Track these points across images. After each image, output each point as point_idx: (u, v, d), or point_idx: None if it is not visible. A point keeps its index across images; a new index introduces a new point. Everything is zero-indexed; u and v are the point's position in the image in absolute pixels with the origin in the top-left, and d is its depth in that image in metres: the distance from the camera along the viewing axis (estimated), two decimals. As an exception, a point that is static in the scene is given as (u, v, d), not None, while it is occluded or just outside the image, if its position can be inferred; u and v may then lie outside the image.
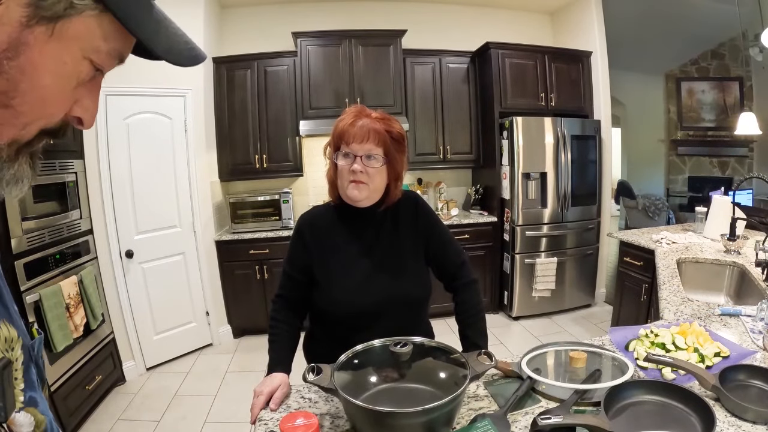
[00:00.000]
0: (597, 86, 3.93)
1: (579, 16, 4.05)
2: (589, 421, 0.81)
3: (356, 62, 3.66)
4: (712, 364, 1.09)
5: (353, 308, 1.16)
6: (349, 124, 1.12)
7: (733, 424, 0.87)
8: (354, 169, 1.11)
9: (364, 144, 1.11)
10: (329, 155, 1.19)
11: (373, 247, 1.21)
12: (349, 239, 1.21)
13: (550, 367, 1.15)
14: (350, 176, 1.12)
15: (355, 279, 1.18)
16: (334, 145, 1.16)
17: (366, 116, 1.14)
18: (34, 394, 0.48)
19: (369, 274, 1.18)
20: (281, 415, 0.96)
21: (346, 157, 1.13)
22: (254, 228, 3.53)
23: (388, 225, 1.23)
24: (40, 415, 0.48)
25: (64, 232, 2.49)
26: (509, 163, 3.61)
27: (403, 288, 1.20)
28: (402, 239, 1.23)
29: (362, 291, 1.17)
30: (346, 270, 1.18)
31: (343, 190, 1.16)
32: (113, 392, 2.82)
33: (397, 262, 1.21)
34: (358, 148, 1.12)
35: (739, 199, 2.43)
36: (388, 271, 1.19)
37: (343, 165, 1.13)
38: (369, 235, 1.21)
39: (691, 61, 5.76)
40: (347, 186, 1.14)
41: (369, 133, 1.12)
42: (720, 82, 5.65)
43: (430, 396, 0.87)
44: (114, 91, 2.87)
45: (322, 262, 1.20)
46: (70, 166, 2.58)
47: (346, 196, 1.16)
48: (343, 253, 1.20)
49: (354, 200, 1.15)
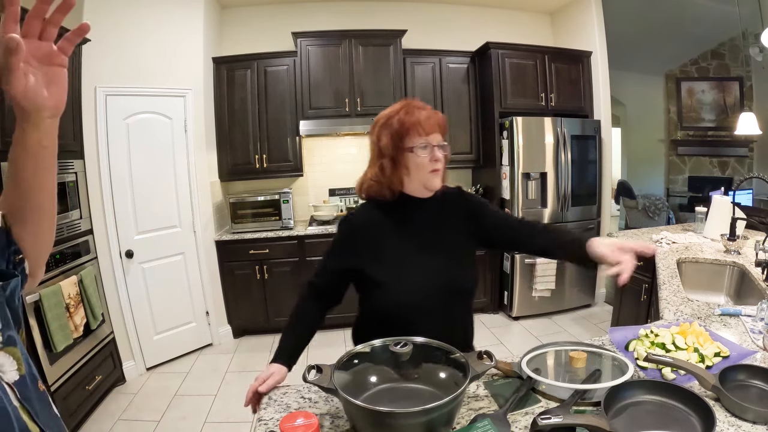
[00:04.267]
0: (597, 86, 3.93)
1: (579, 16, 4.05)
2: (589, 421, 0.81)
3: (356, 62, 3.66)
4: (712, 364, 1.09)
5: (414, 306, 1.17)
6: (424, 117, 1.14)
7: (733, 424, 0.87)
8: (437, 158, 1.14)
9: (436, 134, 1.15)
10: (388, 151, 1.16)
11: (428, 243, 1.21)
12: (403, 236, 1.20)
13: (550, 367, 1.15)
14: (432, 165, 1.14)
15: (415, 277, 1.17)
16: (400, 138, 1.14)
17: (423, 108, 1.16)
18: (12, 333, 0.48)
19: (427, 270, 1.18)
20: (281, 415, 0.96)
21: (425, 148, 1.14)
22: (254, 228, 3.53)
23: (439, 217, 1.23)
24: (19, 354, 0.48)
25: (64, 232, 2.49)
26: (509, 163, 3.61)
27: (459, 280, 1.22)
28: (454, 230, 1.24)
29: (422, 288, 1.17)
30: (406, 269, 1.18)
31: (419, 181, 1.17)
32: (113, 392, 2.82)
33: (451, 254, 1.22)
34: (433, 138, 1.14)
35: (739, 199, 2.43)
36: (443, 265, 1.19)
37: (424, 156, 1.14)
38: (423, 231, 1.22)
39: (691, 61, 5.76)
40: (427, 176, 1.16)
41: (437, 123, 1.15)
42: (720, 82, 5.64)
43: (430, 396, 0.87)
44: (114, 91, 2.87)
45: (380, 264, 1.19)
46: (70, 166, 2.58)
47: (424, 188, 1.18)
48: (399, 252, 1.19)
49: (434, 189, 1.19)
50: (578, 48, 3.97)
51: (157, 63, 3.06)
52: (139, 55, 2.97)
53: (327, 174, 4.12)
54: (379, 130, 1.18)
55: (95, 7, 2.76)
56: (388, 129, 1.15)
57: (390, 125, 1.15)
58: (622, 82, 5.12)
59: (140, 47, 2.97)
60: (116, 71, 2.88)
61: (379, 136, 1.17)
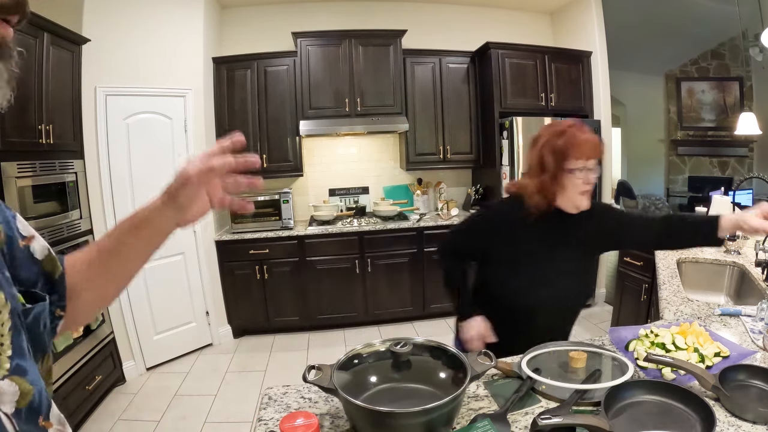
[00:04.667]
0: (597, 86, 3.93)
1: (579, 16, 4.05)
2: (589, 421, 0.81)
3: (356, 62, 3.66)
4: (712, 364, 1.08)
5: (528, 301, 1.32)
6: (587, 143, 1.23)
7: (733, 424, 0.87)
8: (590, 181, 1.24)
9: (593, 159, 1.25)
10: (550, 168, 1.25)
11: (561, 249, 1.33)
12: (540, 239, 1.32)
13: (550, 367, 1.15)
14: (583, 187, 1.25)
15: (537, 275, 1.31)
16: (563, 159, 1.24)
17: (585, 133, 1.25)
18: (23, 362, 0.46)
19: (550, 273, 1.31)
20: (281, 415, 0.96)
21: (582, 171, 1.23)
22: (254, 228, 3.53)
23: (578, 230, 1.33)
24: (27, 385, 0.46)
25: (64, 232, 2.49)
26: (509, 163, 3.60)
27: (577, 291, 1.38)
28: (587, 244, 1.36)
29: (541, 287, 1.30)
30: (532, 266, 1.32)
31: (570, 200, 1.28)
32: (113, 392, 2.82)
33: (578, 265, 1.35)
34: (590, 162, 1.24)
35: (739, 199, 2.44)
36: (568, 274, 1.33)
37: (581, 177, 1.24)
38: (560, 239, 1.33)
39: (691, 61, 5.76)
40: (578, 197, 1.26)
41: (597, 149, 1.25)
42: (720, 82, 5.64)
43: (430, 396, 0.87)
44: (114, 91, 2.88)
45: (508, 254, 1.33)
46: (70, 166, 2.58)
47: (572, 205, 1.29)
48: (532, 252, 1.32)
49: (581, 209, 1.29)
50: (578, 48, 3.97)
51: (157, 63, 3.06)
52: (139, 55, 2.97)
53: (327, 174, 4.12)
54: (542, 146, 1.28)
55: (95, 7, 2.76)
56: (553, 148, 1.25)
57: (554, 144, 1.25)
58: (622, 82, 5.12)
59: (140, 47, 2.97)
60: (116, 71, 2.88)
61: (543, 151, 1.27)
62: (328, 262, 3.55)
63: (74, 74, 2.64)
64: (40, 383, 0.49)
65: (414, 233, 3.66)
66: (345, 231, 3.55)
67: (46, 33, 2.32)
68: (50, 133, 2.37)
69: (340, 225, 3.61)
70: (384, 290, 3.67)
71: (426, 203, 4.15)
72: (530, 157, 1.33)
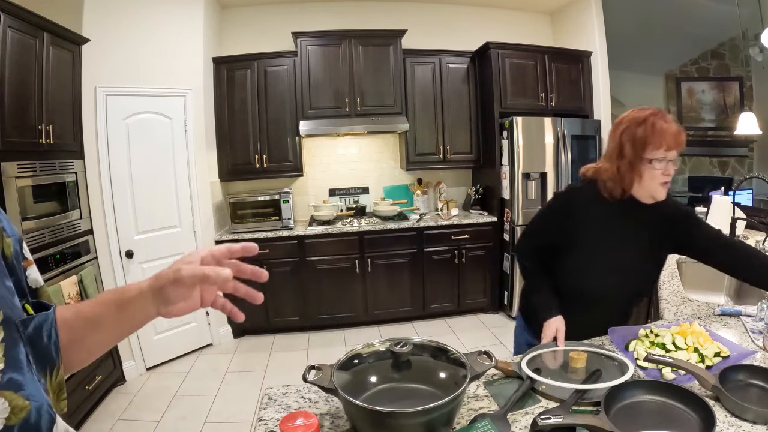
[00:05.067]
0: (597, 86, 3.93)
1: (579, 16, 4.05)
2: (589, 421, 0.81)
3: (356, 62, 3.66)
4: (712, 364, 1.08)
5: (595, 288, 1.33)
6: (669, 133, 1.18)
7: (733, 424, 0.87)
8: (669, 173, 1.21)
9: (674, 150, 1.20)
10: (628, 155, 1.22)
11: (630, 237, 1.31)
12: (613, 229, 1.31)
13: (550, 367, 1.15)
14: (662, 179, 1.21)
15: (606, 262, 1.31)
16: (643, 147, 1.20)
17: (669, 123, 1.21)
18: (17, 376, 0.44)
19: (619, 261, 1.31)
20: (281, 415, 0.96)
21: (661, 161, 1.20)
22: (254, 228, 3.53)
23: (650, 220, 1.31)
24: (21, 400, 0.43)
25: (64, 232, 2.49)
26: (509, 163, 3.61)
27: (643, 279, 1.39)
28: (658, 234, 1.33)
29: (610, 274, 1.31)
30: (602, 253, 1.31)
31: (647, 189, 1.24)
32: (113, 392, 2.82)
33: (646, 257, 1.34)
34: (671, 154, 1.20)
35: (739, 199, 2.43)
36: (635, 265, 1.32)
37: (660, 168, 1.20)
38: (632, 229, 1.31)
39: (691, 61, 5.76)
40: (656, 187, 1.23)
41: (679, 140, 1.20)
42: (720, 82, 5.64)
43: (430, 396, 0.87)
44: (114, 91, 2.87)
45: (584, 244, 1.33)
46: (70, 166, 2.58)
47: (649, 196, 1.26)
48: (605, 240, 1.31)
49: (658, 199, 1.26)
50: (578, 48, 3.97)
51: (157, 63, 3.06)
52: (139, 55, 2.97)
53: (327, 174, 4.12)
54: (622, 132, 1.24)
55: (95, 7, 2.76)
56: (633, 135, 1.22)
57: (634, 132, 1.21)
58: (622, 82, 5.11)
59: (140, 47, 2.97)
60: (116, 71, 2.88)
61: (622, 138, 1.24)
62: (328, 262, 3.55)
63: (74, 74, 2.64)
64: (42, 398, 0.46)
65: (414, 233, 3.66)
66: (345, 231, 3.55)
67: (46, 33, 2.32)
68: (50, 133, 2.37)
69: (340, 225, 3.61)
70: (384, 290, 3.67)
71: (426, 203, 4.15)
72: (609, 141, 1.31)
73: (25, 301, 0.50)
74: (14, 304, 0.47)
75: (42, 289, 0.56)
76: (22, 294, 0.50)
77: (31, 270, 0.55)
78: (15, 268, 0.50)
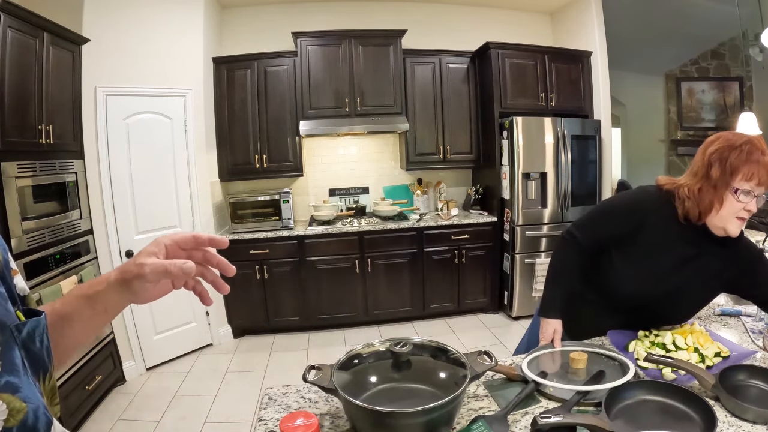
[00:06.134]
0: (597, 86, 3.93)
1: (579, 16, 4.05)
2: (589, 420, 0.81)
3: (356, 62, 3.66)
4: (713, 364, 1.08)
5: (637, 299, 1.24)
6: (764, 165, 1.09)
7: (733, 424, 0.87)
8: (751, 209, 1.11)
9: (763, 186, 1.11)
10: (714, 179, 1.13)
11: (687, 264, 1.22)
12: (675, 251, 1.22)
13: (550, 368, 1.15)
14: (741, 213, 1.12)
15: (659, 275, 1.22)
16: (732, 174, 1.11)
17: (765, 154, 1.12)
18: (14, 379, 0.44)
19: (670, 280, 1.22)
20: (281, 415, 0.96)
21: (747, 195, 1.11)
22: (254, 228, 3.53)
23: (711, 250, 1.21)
24: (20, 403, 0.44)
25: (64, 232, 2.49)
26: (509, 163, 3.61)
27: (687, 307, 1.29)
28: (714, 266, 1.22)
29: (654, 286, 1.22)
30: (658, 267, 1.22)
31: (722, 220, 1.14)
32: (113, 392, 2.82)
33: (698, 284, 1.23)
34: (761, 190, 1.11)
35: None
36: (686, 288, 1.22)
37: (744, 201, 1.11)
38: (691, 253, 1.21)
39: (691, 61, 5.76)
40: (732, 221, 1.13)
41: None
42: (720, 82, 5.64)
43: (430, 396, 0.87)
44: (114, 91, 2.87)
45: (640, 250, 1.24)
46: (70, 166, 2.58)
47: (721, 228, 1.15)
48: (663, 260, 1.22)
49: (731, 235, 1.15)
50: (578, 48, 3.97)
51: (157, 63, 3.06)
52: (139, 55, 2.97)
53: (327, 174, 4.12)
54: (713, 152, 1.15)
55: (95, 7, 2.76)
56: (724, 158, 1.13)
57: (727, 156, 1.12)
58: (622, 82, 5.11)
59: (140, 47, 2.97)
60: (116, 71, 2.88)
61: (711, 158, 1.15)
62: (328, 262, 3.55)
63: (74, 74, 2.64)
64: (38, 401, 0.47)
65: (414, 233, 3.66)
66: (345, 231, 3.55)
67: (46, 33, 2.32)
68: (50, 133, 2.37)
69: (340, 225, 3.61)
70: (384, 290, 3.67)
71: (426, 203, 4.15)
72: (696, 158, 1.20)
73: (17, 308, 0.51)
74: (8, 310, 0.47)
75: (29, 296, 0.58)
76: (13, 301, 0.51)
77: (17, 279, 0.57)
78: (5, 277, 0.51)
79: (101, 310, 0.62)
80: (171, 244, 0.64)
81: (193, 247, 0.67)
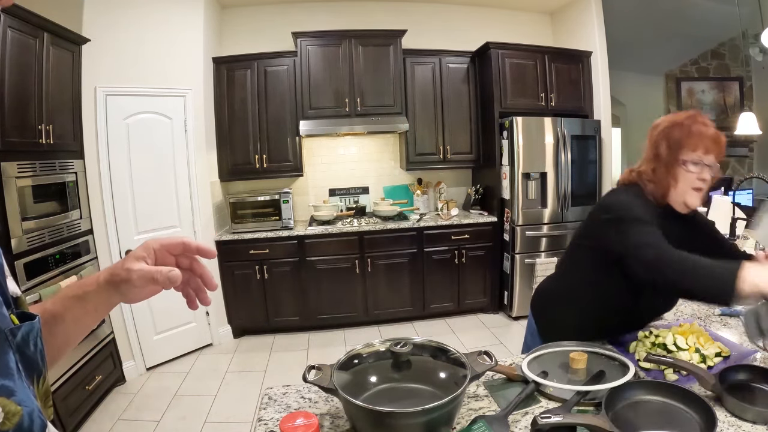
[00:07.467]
0: (597, 86, 3.93)
1: (579, 16, 4.05)
2: (589, 420, 0.81)
3: (356, 62, 3.66)
4: (714, 364, 1.08)
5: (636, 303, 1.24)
6: (707, 135, 1.13)
7: (733, 425, 0.86)
8: (704, 178, 1.15)
9: (711, 155, 1.15)
10: (664, 157, 1.17)
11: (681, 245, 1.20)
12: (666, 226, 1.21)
13: (550, 368, 1.15)
14: (695, 183, 1.15)
15: None
16: (678, 148, 1.15)
17: (707, 126, 1.15)
18: (9, 383, 0.45)
19: None
20: (281, 415, 0.96)
21: (696, 165, 1.14)
22: (254, 228, 3.53)
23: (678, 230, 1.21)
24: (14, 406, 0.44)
25: (64, 232, 2.49)
26: (509, 163, 3.61)
27: None
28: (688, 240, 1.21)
29: None
30: None
31: (680, 195, 1.19)
32: (113, 392, 2.82)
33: None
34: (707, 158, 1.14)
35: (739, 199, 2.43)
36: None
37: (695, 171, 1.15)
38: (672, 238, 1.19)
39: (691, 61, 5.76)
40: (689, 193, 1.17)
41: (717, 144, 1.14)
42: (720, 82, 5.64)
43: (430, 396, 0.87)
44: (114, 91, 2.87)
45: None
46: (70, 166, 2.58)
47: (681, 202, 1.19)
48: None
49: (691, 207, 1.19)
50: (578, 48, 3.97)
51: (157, 63, 3.06)
52: (139, 55, 2.97)
53: (327, 174, 4.12)
54: (659, 134, 1.21)
55: (95, 6, 2.76)
56: (668, 136, 1.18)
57: (670, 133, 1.17)
58: (622, 82, 5.11)
59: (140, 47, 2.97)
60: (116, 71, 2.88)
61: (658, 140, 1.20)
62: (328, 262, 3.55)
63: (74, 74, 2.64)
64: (32, 404, 0.47)
65: (414, 233, 3.66)
66: (345, 231, 3.55)
67: (46, 33, 2.32)
68: (50, 133, 2.37)
69: (340, 225, 3.61)
70: (384, 290, 3.67)
71: (426, 203, 4.15)
72: (647, 144, 1.26)
73: (11, 312, 0.51)
74: (3, 314, 0.48)
75: (20, 299, 0.58)
76: (7, 305, 0.51)
77: (9, 282, 0.57)
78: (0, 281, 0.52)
79: (91, 309, 0.63)
80: (160, 248, 0.65)
81: (181, 253, 0.67)
